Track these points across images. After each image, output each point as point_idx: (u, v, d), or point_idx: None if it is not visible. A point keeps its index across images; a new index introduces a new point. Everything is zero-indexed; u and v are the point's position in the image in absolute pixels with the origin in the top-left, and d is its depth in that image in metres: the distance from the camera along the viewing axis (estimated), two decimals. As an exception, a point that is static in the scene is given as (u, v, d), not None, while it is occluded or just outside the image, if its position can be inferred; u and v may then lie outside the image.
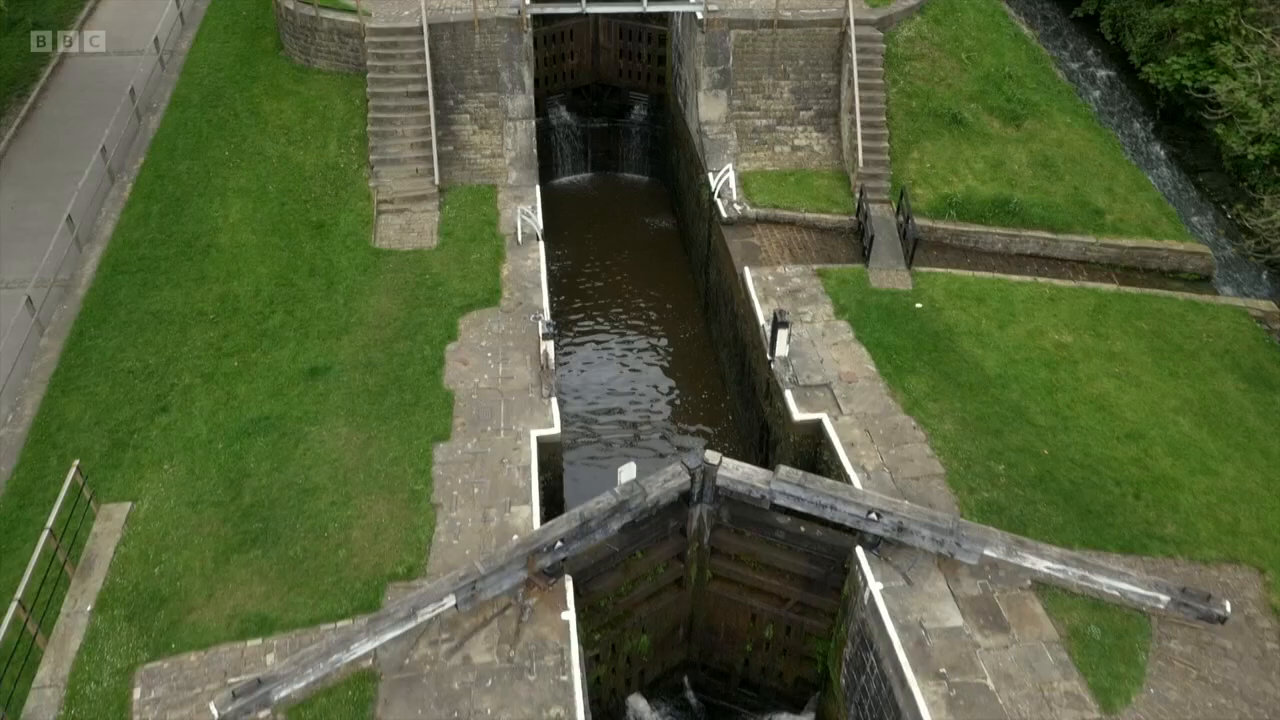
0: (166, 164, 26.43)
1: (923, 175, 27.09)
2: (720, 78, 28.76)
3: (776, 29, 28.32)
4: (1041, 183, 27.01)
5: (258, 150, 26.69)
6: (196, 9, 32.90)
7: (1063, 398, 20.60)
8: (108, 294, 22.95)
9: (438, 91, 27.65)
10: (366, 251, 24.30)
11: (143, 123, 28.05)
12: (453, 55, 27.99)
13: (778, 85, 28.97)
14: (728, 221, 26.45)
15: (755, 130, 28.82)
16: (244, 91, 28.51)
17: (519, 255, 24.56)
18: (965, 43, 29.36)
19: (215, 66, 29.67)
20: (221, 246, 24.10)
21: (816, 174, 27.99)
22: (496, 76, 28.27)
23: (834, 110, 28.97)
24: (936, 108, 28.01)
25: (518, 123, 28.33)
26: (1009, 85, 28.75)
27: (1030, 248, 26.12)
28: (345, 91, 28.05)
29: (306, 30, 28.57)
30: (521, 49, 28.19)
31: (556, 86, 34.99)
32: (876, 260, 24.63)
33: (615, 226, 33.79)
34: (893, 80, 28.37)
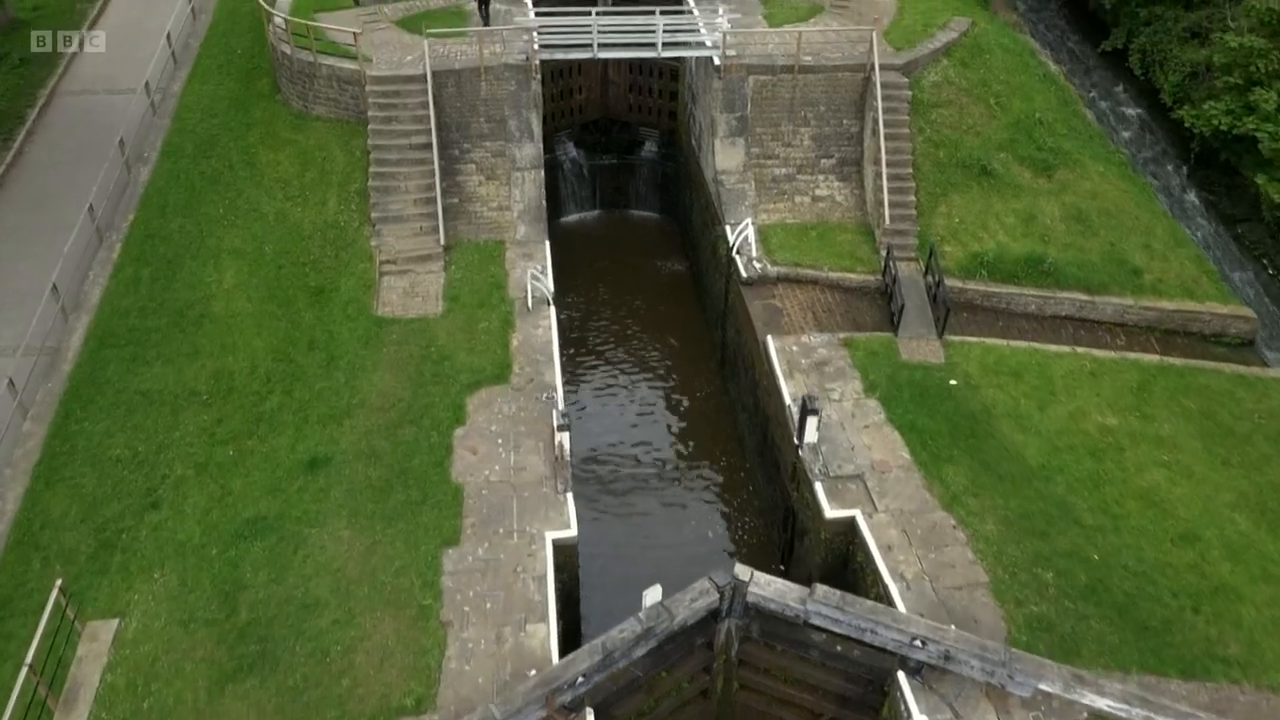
0: (158, 222, 24.98)
1: (951, 231, 25.69)
2: (738, 125, 27.31)
3: (797, 74, 26.86)
4: (1076, 238, 25.62)
5: (253, 207, 25.25)
6: (189, 46, 31.36)
7: (1111, 491, 19.26)
8: (95, 371, 21.55)
9: (442, 141, 26.20)
10: (368, 321, 22.90)
11: (133, 174, 26.57)
12: (457, 103, 26.52)
13: (798, 132, 27.53)
14: (747, 281, 25.05)
15: (774, 179, 27.39)
16: (239, 140, 27.04)
17: (529, 323, 23.16)
18: (994, 87, 27.90)
19: (209, 111, 28.18)
20: (215, 316, 22.69)
21: (839, 227, 26.58)
22: (504, 125, 26.81)
23: (856, 158, 27.55)
24: (965, 158, 26.58)
25: (526, 173, 26.88)
26: (1040, 132, 27.31)
27: (1065, 309, 24.75)
28: (345, 141, 26.58)
29: (304, 76, 27.08)
30: (530, 96, 26.72)
31: (564, 122, 33.52)
32: (906, 329, 23.24)
33: (626, 269, 32.35)
34: (919, 129, 26.92)
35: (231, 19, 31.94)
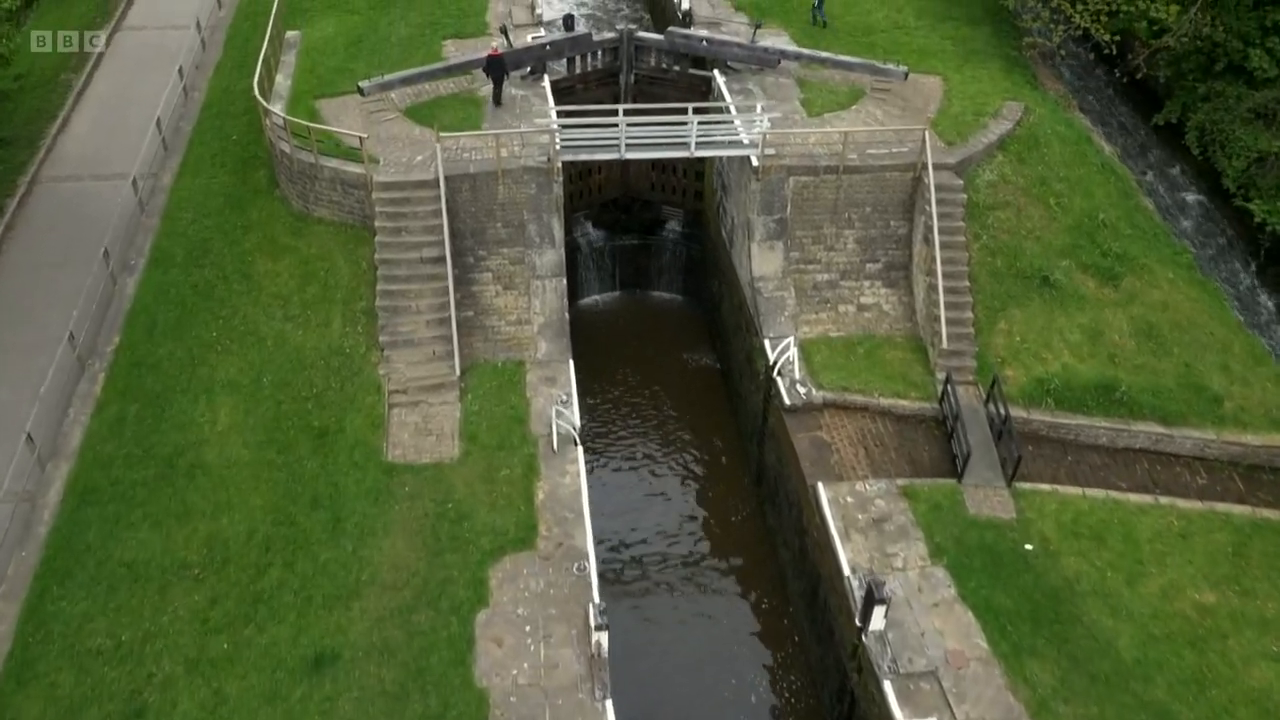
0: (145, 347, 22.50)
1: (1012, 350, 23.27)
2: (776, 227, 24.85)
3: (842, 175, 24.40)
4: (1147, 358, 23.22)
5: (250, 328, 22.77)
6: (180, 129, 28.77)
7: (1218, 696, 16.90)
8: (74, 535, 19.11)
9: (455, 248, 23.72)
10: (378, 469, 20.44)
11: (119, 285, 24.06)
12: (472, 208, 24.04)
13: (841, 235, 25.08)
14: (791, 409, 22.64)
15: (816, 286, 24.94)
16: (234, 246, 24.53)
17: (555, 469, 20.73)
18: (1053, 185, 25.42)
19: (201, 210, 25.64)
20: (208, 466, 20.23)
21: (887, 341, 24.14)
22: (522, 230, 24.35)
23: (904, 262, 25.11)
24: (1025, 267, 24.14)
25: (546, 281, 24.42)
26: (1103, 235, 24.87)
27: (1140, 442, 22.36)
28: (350, 249, 24.09)
29: (305, 177, 24.56)
30: (551, 199, 24.25)
31: (582, 202, 30.98)
32: (971, 474, 20.84)
33: (648, 361, 29.86)
34: (975, 234, 24.48)
35: (226, 98, 29.37)
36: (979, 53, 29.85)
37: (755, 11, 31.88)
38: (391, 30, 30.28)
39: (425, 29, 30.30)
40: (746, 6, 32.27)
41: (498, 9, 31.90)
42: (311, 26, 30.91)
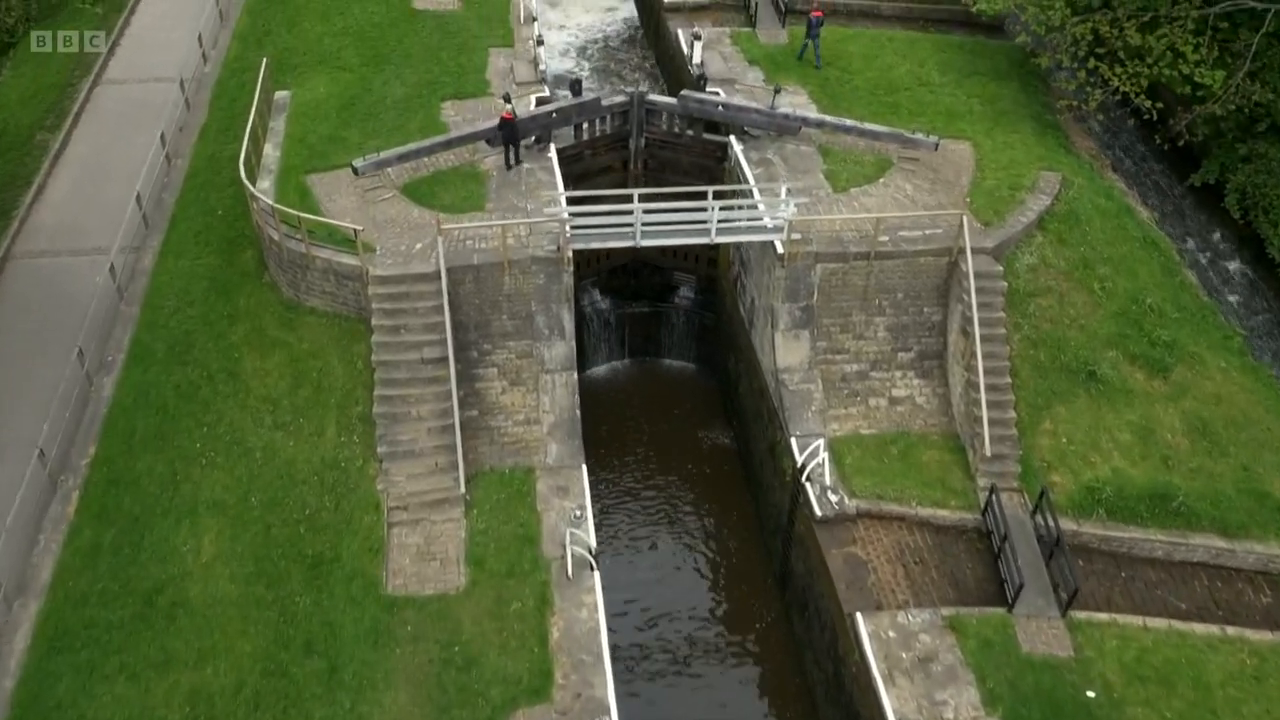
0: (122, 460, 20.55)
1: (1058, 453, 21.46)
2: (802, 316, 23.00)
3: (873, 260, 22.57)
4: (1203, 460, 21.44)
5: (237, 438, 20.83)
6: (163, 202, 26.72)
7: None
8: (42, 690, 17.19)
9: (458, 341, 21.82)
10: (377, 605, 18.54)
11: (95, 387, 22.10)
12: (476, 299, 22.14)
13: (871, 322, 23.24)
14: (823, 520, 20.82)
15: (845, 378, 23.10)
16: (220, 340, 22.56)
17: (570, 601, 18.85)
18: (1096, 268, 23.58)
19: (184, 298, 23.64)
20: (191, 604, 18.31)
21: (922, 439, 22.31)
22: (530, 321, 22.46)
23: (938, 351, 23.28)
24: (1069, 360, 22.32)
25: (556, 376, 22.52)
26: (1150, 321, 23.06)
27: (1198, 555, 20.59)
28: (344, 345, 22.14)
29: (296, 266, 22.61)
30: (561, 289, 22.36)
31: (589, 270, 29.04)
32: (1024, 604, 19.01)
33: (661, 439, 27.98)
34: (1015, 324, 22.65)
35: (211, 166, 27.32)
36: (1009, 113, 27.99)
37: (770, 66, 30.01)
38: (386, 90, 28.29)
39: (422, 89, 28.32)
40: (761, 60, 30.37)
41: (498, 64, 29.94)
42: (301, 86, 28.89)
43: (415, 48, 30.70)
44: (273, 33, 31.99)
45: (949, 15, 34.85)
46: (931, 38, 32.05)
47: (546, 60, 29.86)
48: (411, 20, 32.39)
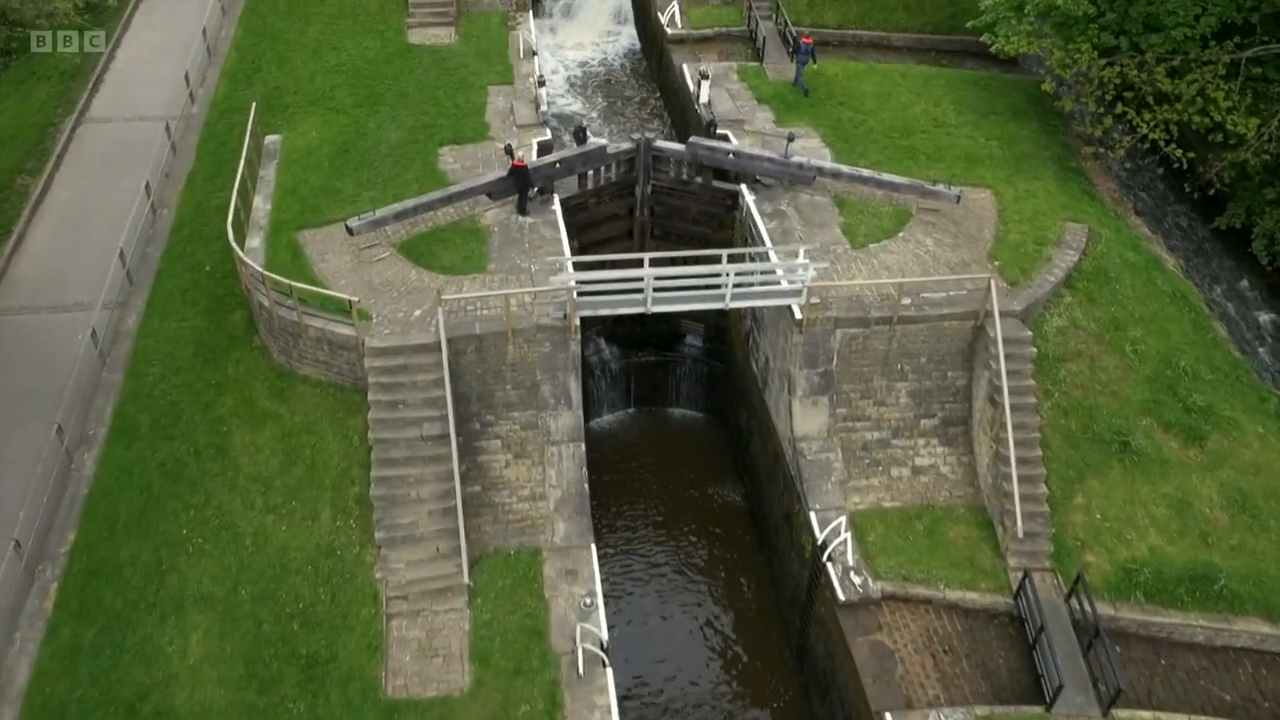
0: (104, 548, 19.21)
1: (1092, 531, 20.29)
2: (821, 382, 21.78)
3: (895, 325, 21.35)
4: (1243, 536, 20.28)
5: (226, 522, 19.52)
6: (147, 257, 25.33)
7: None
8: (17, 816, 15.96)
9: (459, 413, 20.56)
10: (376, 712, 17.22)
11: (75, 464, 20.74)
12: (478, 369, 20.87)
13: (893, 388, 22.03)
14: (846, 604, 19.62)
15: (865, 446, 21.88)
16: (207, 411, 21.23)
17: (582, 701, 17.61)
18: (1128, 329, 22.37)
19: (170, 364, 22.29)
20: (178, 714, 17.01)
21: (948, 513, 21.11)
22: (535, 391, 21.20)
23: (962, 416, 22.08)
24: (1102, 430, 21.13)
25: (563, 447, 21.26)
26: (1184, 386, 21.88)
27: (1242, 641, 19.45)
28: (339, 418, 20.84)
29: (288, 334, 21.31)
30: (568, 358, 21.11)
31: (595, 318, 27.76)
32: (1063, 702, 17.83)
33: (669, 495, 26.76)
34: (1045, 391, 21.46)
35: (198, 216, 25.95)
36: (1029, 157, 26.78)
37: (780, 105, 28.75)
38: (381, 134, 26.96)
39: (419, 133, 27.00)
40: (770, 99, 29.12)
41: (498, 104, 28.63)
42: (293, 129, 27.56)
43: (411, 86, 29.40)
44: (262, 70, 30.64)
45: (961, 46, 33.75)
46: (945, 73, 30.84)
47: (548, 99, 28.50)
48: (407, 56, 31.10)
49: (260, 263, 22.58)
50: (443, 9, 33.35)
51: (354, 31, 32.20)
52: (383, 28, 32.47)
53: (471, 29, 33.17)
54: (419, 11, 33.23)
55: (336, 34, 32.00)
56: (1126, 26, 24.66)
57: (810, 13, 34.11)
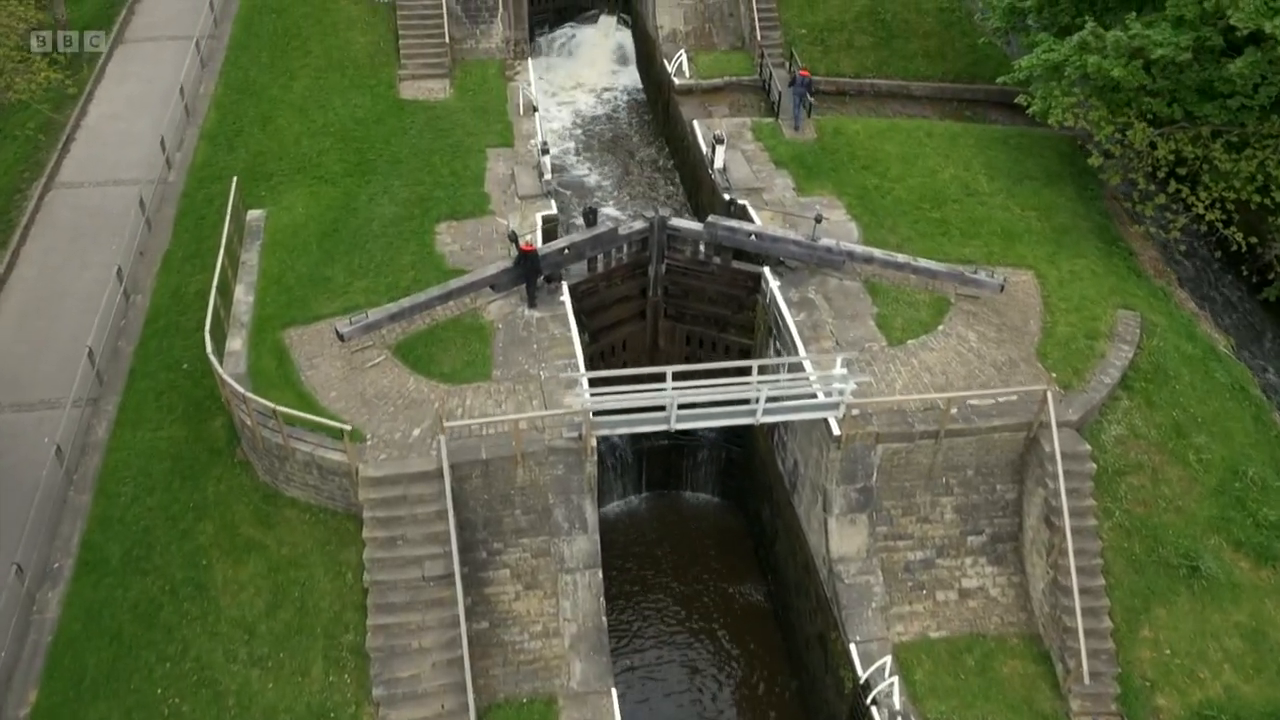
0: (70, 710, 16.95)
1: (1161, 668, 18.31)
2: (860, 499, 19.72)
3: (942, 439, 19.31)
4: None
5: (205, 677, 17.32)
6: (120, 352, 23.01)
7: None
8: None
9: (464, 541, 18.45)
10: None
11: (37, 608, 18.51)
12: (485, 494, 18.73)
13: (938, 503, 19.99)
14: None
15: (908, 567, 19.85)
16: (185, 540, 19.00)
17: None
18: (1191, 435, 20.38)
19: (144, 482, 20.04)
20: None
21: (1000, 644, 19.09)
22: (547, 515, 19.06)
23: (1012, 532, 20.07)
24: (1168, 553, 19.13)
25: (578, 575, 19.14)
26: (1252, 498, 19.90)
27: (1330, 797, 17.59)
28: (331, 552, 18.66)
29: (273, 455, 19.12)
30: (582, 479, 18.99)
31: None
32: None
33: (686, 592, 24.65)
34: (1105, 509, 19.46)
35: (175, 305, 23.67)
36: (1069, 230, 24.75)
37: (800, 169, 26.65)
38: (374, 209, 24.74)
39: (414, 207, 24.79)
40: (788, 161, 27.02)
41: (497, 170, 26.45)
42: (278, 203, 25.30)
43: (404, 150, 27.17)
44: (244, 132, 28.32)
45: (985, 95, 31.68)
46: (972, 130, 28.74)
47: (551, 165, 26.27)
48: (399, 114, 28.84)
49: (243, 367, 20.44)
50: (436, 59, 31.13)
51: (342, 87, 29.91)
52: (373, 82, 30.19)
53: (467, 81, 30.95)
54: (411, 63, 30.99)
55: (324, 89, 29.70)
56: (1179, 95, 22.63)
57: (825, 60, 31.99)
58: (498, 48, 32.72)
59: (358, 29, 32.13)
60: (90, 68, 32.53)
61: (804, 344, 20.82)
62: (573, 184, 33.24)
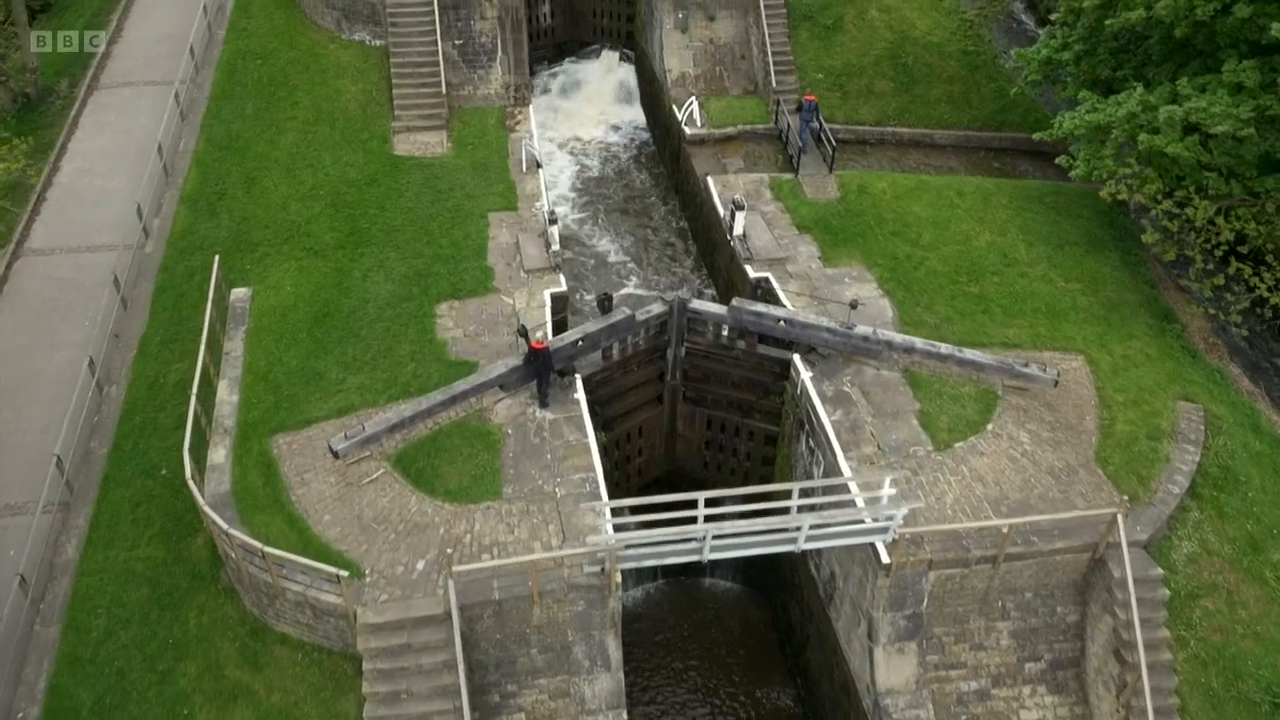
0: None
1: (1246, 821, 16.51)
2: (909, 626, 17.78)
3: (1000, 564, 17.38)
4: None
5: None
6: (91, 455, 20.75)
7: None
8: None
9: (475, 684, 16.46)
10: None
11: (-2, 767, 16.47)
12: (497, 634, 16.71)
13: (992, 628, 18.07)
14: None
15: (961, 699, 17.93)
16: (163, 685, 16.84)
17: None
18: (1268, 551, 18.41)
19: (117, 613, 17.86)
20: None
21: (1065, 786, 17.26)
22: (566, 654, 17.06)
23: (1074, 657, 18.17)
24: (1248, 687, 17.20)
25: (600, 718, 17.16)
26: (1337, 618, 18.11)
27: None
28: (327, 700, 16.55)
29: (261, 591, 17.04)
30: (605, 615, 16.95)
31: (619, 493, 23.67)
32: None
33: (709, 694, 22.73)
34: (1178, 637, 17.57)
35: (152, 398, 21.46)
36: (1117, 306, 22.82)
37: (825, 235, 24.68)
38: (368, 287, 22.64)
39: (412, 284, 22.71)
40: (812, 225, 25.04)
41: (501, 239, 24.40)
42: (264, 280, 23.17)
43: (400, 217, 25.06)
44: (228, 195, 26.12)
45: (1012, 143, 29.83)
46: (1005, 187, 26.74)
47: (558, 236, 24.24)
48: (394, 173, 26.71)
49: (227, 484, 18.37)
50: (432, 110, 28.97)
51: (333, 141, 27.73)
52: (365, 136, 28.02)
53: (465, 133, 28.82)
54: (406, 114, 28.83)
55: (313, 145, 27.52)
56: (1239, 169, 20.72)
57: (844, 106, 30.02)
58: (497, 94, 30.60)
59: (348, 76, 29.95)
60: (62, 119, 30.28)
61: (842, 449, 18.83)
62: (579, 245, 31.10)
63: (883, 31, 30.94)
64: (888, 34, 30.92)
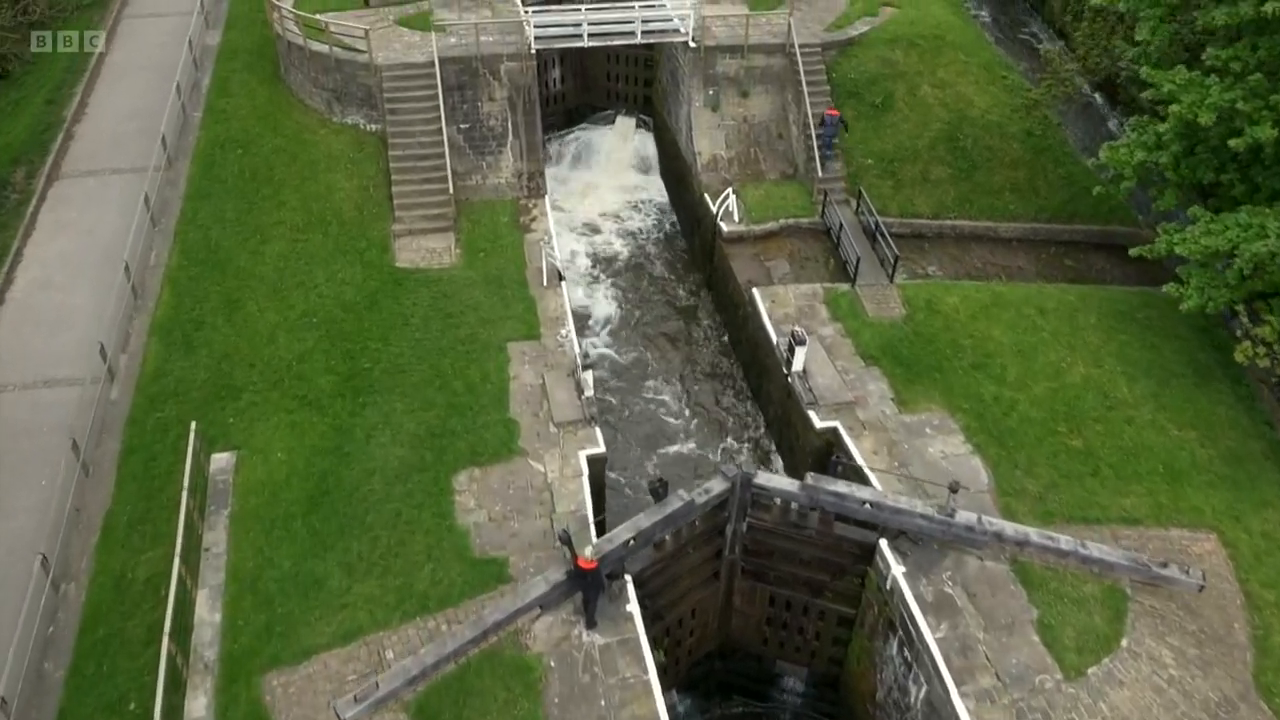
0: None
1: None
2: None
3: (1163, 847, 13.98)
4: None
5: None
6: (45, 679, 17.03)
7: None
8: None
9: None
10: None
11: None
12: None
13: None
14: None
15: None
16: None
17: None
18: None
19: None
20: None
21: None
22: None
23: None
24: None
25: None
26: None
27: None
28: None
29: None
30: None
31: (669, 672, 20.18)
32: None
33: None
34: None
35: (119, 601, 17.37)
36: (1242, 459, 19.46)
37: (894, 366, 21.23)
38: (374, 453, 18.98)
39: (424, 448, 19.08)
40: (878, 354, 21.60)
41: (525, 379, 20.82)
42: (250, 440, 19.47)
43: (407, 352, 21.41)
44: (206, 324, 22.30)
45: (1084, 237, 26.51)
46: (1090, 300, 23.28)
47: (588, 382, 20.54)
48: (397, 292, 23.03)
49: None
50: (438, 208, 25.27)
51: (326, 252, 23.98)
52: (363, 244, 24.28)
53: (476, 235, 25.14)
54: (408, 214, 25.12)
55: (303, 258, 23.75)
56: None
57: (897, 197, 26.52)
58: (508, 183, 26.94)
59: (341, 169, 26.14)
60: (17, 218, 26.31)
61: (955, 680, 15.38)
62: (608, 364, 26.61)
63: (937, 110, 27.37)
64: (943, 112, 27.34)
